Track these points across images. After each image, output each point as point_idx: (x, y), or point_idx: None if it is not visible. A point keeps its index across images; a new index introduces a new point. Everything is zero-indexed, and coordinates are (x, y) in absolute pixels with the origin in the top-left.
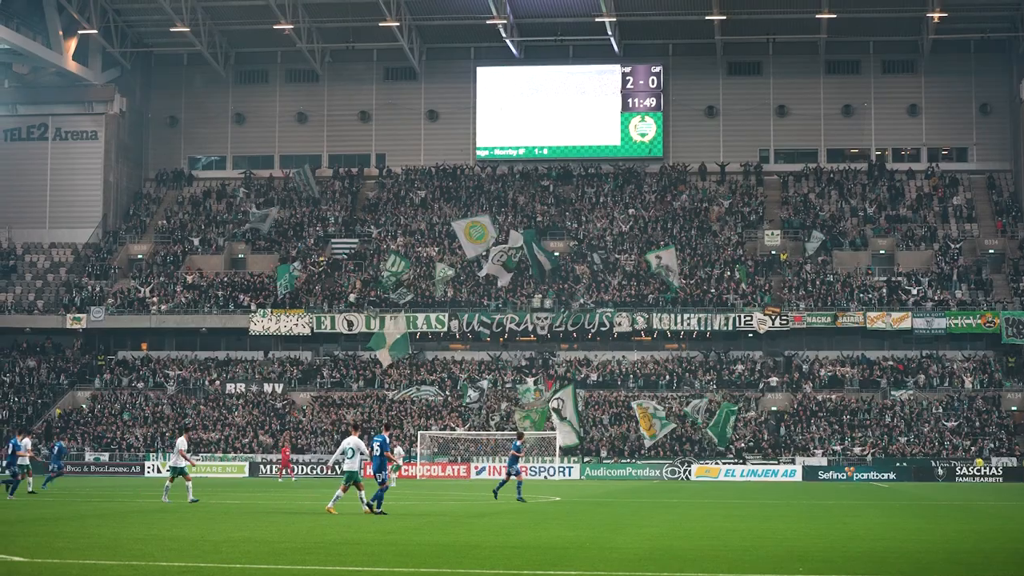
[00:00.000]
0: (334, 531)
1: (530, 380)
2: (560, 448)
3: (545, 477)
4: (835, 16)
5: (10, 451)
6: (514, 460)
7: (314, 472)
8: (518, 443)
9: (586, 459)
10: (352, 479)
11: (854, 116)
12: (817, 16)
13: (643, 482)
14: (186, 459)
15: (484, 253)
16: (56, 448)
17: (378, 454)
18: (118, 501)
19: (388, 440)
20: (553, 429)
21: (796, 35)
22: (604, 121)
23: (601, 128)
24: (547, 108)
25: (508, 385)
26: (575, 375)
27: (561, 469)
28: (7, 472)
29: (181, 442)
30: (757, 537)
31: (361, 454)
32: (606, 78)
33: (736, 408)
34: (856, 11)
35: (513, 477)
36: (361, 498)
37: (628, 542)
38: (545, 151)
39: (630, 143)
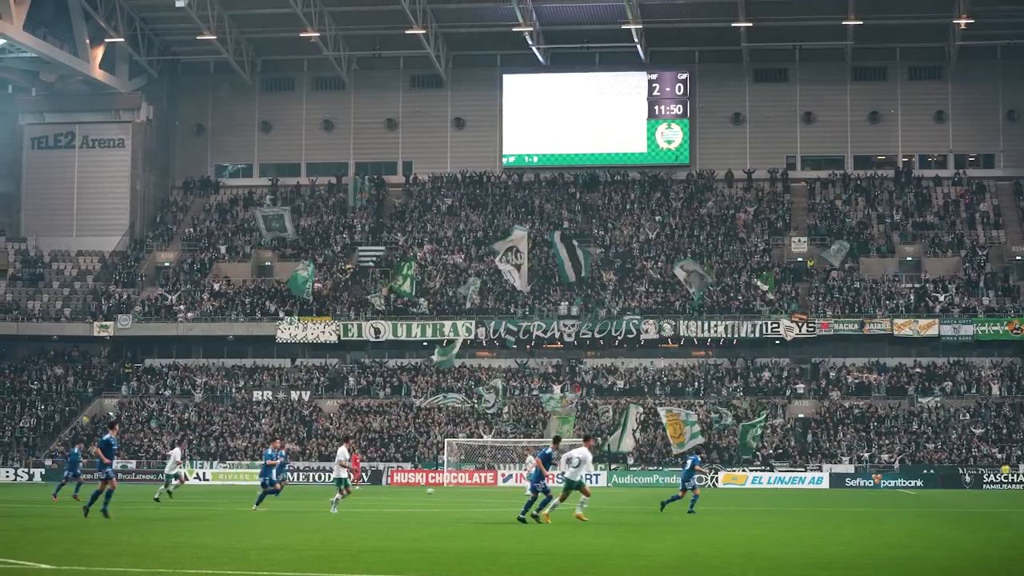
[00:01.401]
0: (361, 539)
1: (557, 388)
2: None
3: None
4: (861, 23)
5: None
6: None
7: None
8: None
9: (613, 466)
10: (574, 487)
11: (881, 123)
12: (843, 23)
13: (670, 489)
14: (347, 468)
15: (501, 256)
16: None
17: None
18: (145, 509)
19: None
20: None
21: (823, 42)
22: (630, 128)
23: (627, 135)
24: (573, 115)
25: (535, 392)
26: (602, 383)
27: (588, 476)
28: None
29: (342, 452)
30: (783, 544)
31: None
32: (632, 85)
33: (755, 423)
34: (882, 18)
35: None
36: (562, 502)
37: (655, 549)
38: (571, 159)
39: (656, 150)
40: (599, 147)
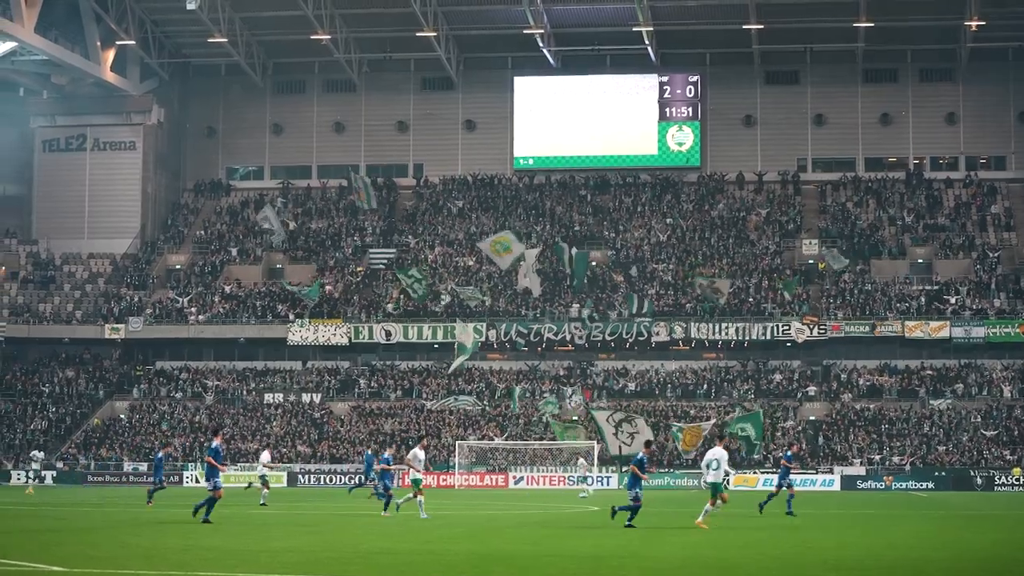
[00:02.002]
0: (372, 541)
1: (569, 390)
2: (598, 457)
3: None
4: (872, 25)
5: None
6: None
7: (353, 482)
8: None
9: (624, 468)
10: (716, 490)
11: (892, 125)
12: (855, 25)
13: (681, 492)
14: (416, 470)
15: (515, 266)
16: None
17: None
18: (156, 511)
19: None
20: (591, 438)
21: (834, 44)
22: (641, 130)
23: (638, 137)
24: (584, 118)
25: (546, 395)
26: (613, 385)
27: (599, 479)
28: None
29: (417, 454)
30: (792, 546)
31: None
32: (643, 87)
33: (747, 436)
34: (893, 20)
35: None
36: (713, 507)
37: (663, 551)
38: (582, 161)
39: (667, 152)
40: (610, 149)
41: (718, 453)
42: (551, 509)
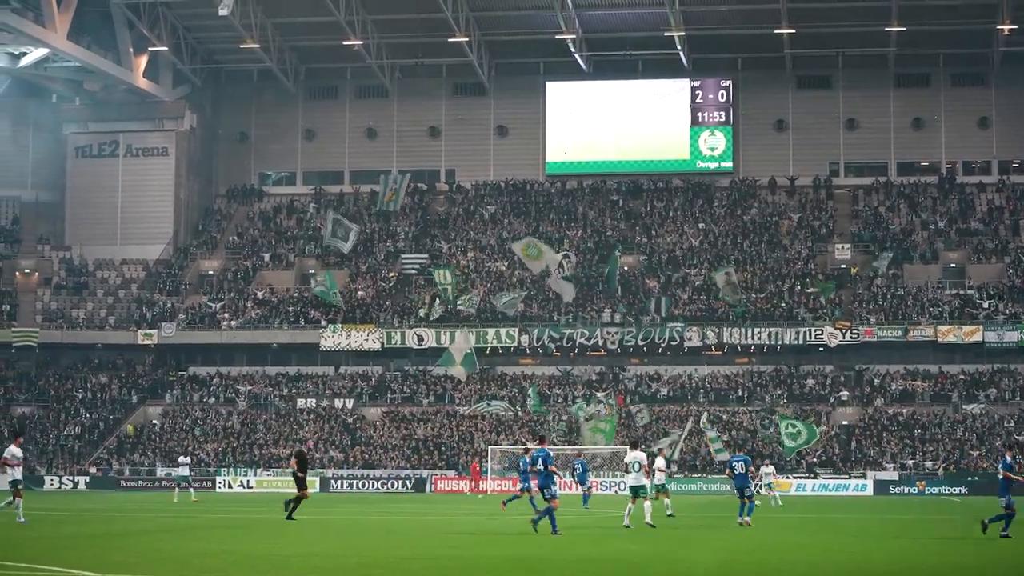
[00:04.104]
0: (404, 546)
1: (601, 394)
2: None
3: (616, 492)
4: (904, 29)
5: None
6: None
7: (384, 488)
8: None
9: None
10: (637, 493)
11: (924, 129)
12: (886, 29)
13: (714, 497)
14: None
15: (546, 270)
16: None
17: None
18: (189, 516)
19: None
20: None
21: (865, 48)
22: (673, 135)
23: (670, 142)
24: (616, 122)
25: (578, 400)
26: (645, 390)
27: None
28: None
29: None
30: (824, 551)
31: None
32: (675, 92)
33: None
34: (925, 24)
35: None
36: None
37: (696, 556)
38: (614, 165)
39: (700, 157)
40: (642, 154)
41: (638, 456)
42: (606, 512)
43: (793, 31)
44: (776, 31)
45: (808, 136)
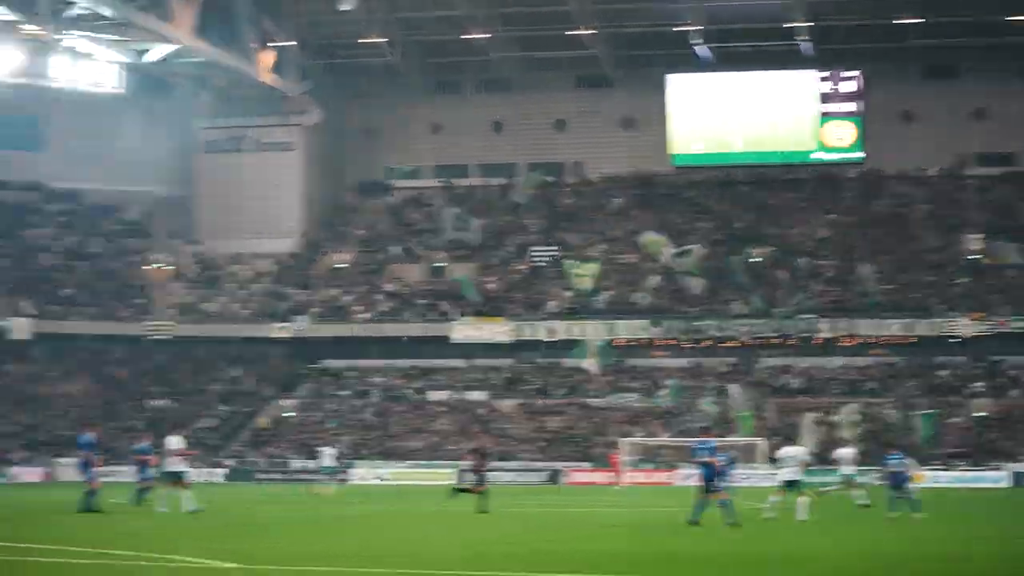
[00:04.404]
0: (539, 537)
1: (733, 387)
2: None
3: (751, 486)
4: None
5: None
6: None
7: (518, 481)
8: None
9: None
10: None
11: None
12: (1014, 19)
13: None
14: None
15: (674, 264)
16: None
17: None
18: (326, 508)
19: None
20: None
21: (994, 38)
22: (801, 126)
23: (797, 133)
24: (742, 114)
25: (711, 392)
26: (775, 382)
27: (768, 476)
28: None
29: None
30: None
31: None
32: (801, 83)
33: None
34: None
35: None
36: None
37: (834, 551)
38: (741, 157)
39: (827, 148)
40: (769, 145)
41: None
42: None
43: (920, 21)
44: (903, 21)
45: (935, 126)
